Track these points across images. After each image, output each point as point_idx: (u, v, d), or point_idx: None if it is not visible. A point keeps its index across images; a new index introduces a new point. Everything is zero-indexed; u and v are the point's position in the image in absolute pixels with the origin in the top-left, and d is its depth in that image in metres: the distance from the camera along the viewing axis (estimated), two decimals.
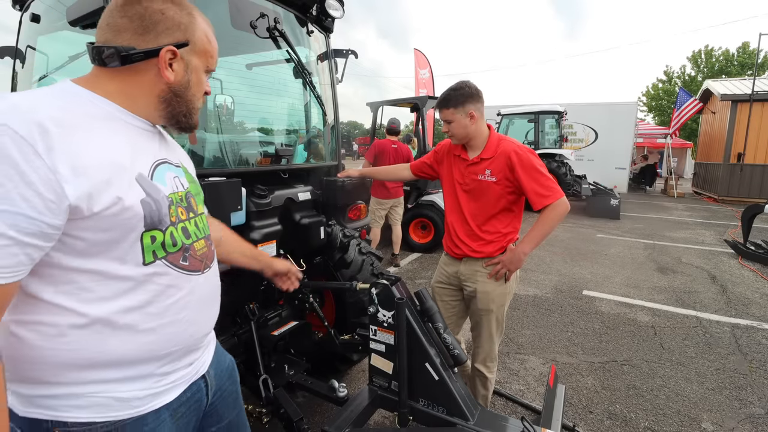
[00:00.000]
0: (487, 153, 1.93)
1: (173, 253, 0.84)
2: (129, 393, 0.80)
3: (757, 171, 12.10)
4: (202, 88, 0.91)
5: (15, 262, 0.64)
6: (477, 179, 1.94)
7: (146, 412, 0.83)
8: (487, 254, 1.97)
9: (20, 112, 0.65)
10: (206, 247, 0.95)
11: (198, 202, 0.97)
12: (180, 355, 0.89)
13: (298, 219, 2.16)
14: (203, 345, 0.98)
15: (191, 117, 0.90)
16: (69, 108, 0.73)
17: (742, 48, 26.72)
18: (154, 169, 0.84)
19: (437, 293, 2.18)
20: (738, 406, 2.59)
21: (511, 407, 2.56)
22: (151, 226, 0.79)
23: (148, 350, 0.81)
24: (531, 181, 1.83)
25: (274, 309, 2.24)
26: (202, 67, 0.89)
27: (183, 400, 0.92)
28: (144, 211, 0.77)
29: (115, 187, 0.73)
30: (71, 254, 0.72)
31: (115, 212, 0.73)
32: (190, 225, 0.90)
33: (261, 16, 2.00)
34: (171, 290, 0.84)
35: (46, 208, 0.65)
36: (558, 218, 1.84)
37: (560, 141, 11.04)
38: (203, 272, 0.92)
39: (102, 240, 0.74)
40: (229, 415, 1.09)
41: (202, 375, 0.98)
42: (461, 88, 1.90)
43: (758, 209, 5.95)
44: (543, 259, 5.87)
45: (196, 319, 0.91)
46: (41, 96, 0.72)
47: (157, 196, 0.81)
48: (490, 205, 1.94)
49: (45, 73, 2.22)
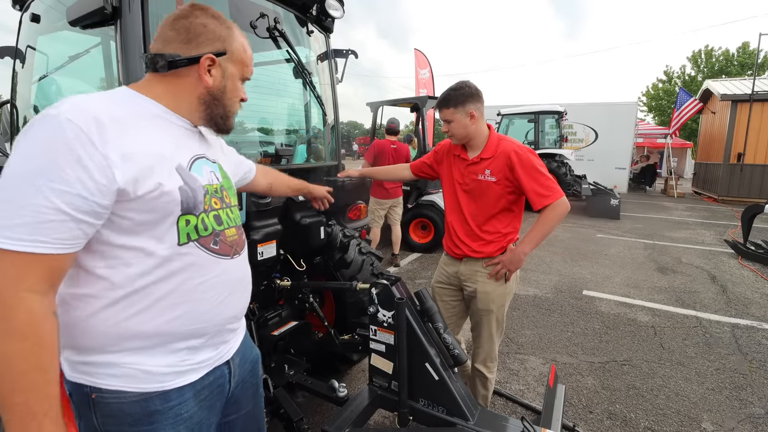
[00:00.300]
0: (487, 153, 1.92)
1: (205, 236, 0.93)
2: (155, 367, 0.88)
3: (757, 171, 12.10)
4: (238, 94, 1.01)
5: (71, 235, 0.75)
6: (477, 179, 1.94)
7: (170, 389, 0.90)
8: (487, 254, 1.97)
9: (81, 110, 0.76)
10: (237, 235, 1.04)
11: (230, 195, 1.07)
12: (207, 334, 0.95)
13: (298, 219, 2.16)
14: (230, 329, 1.03)
15: (227, 119, 1.01)
16: (121, 107, 0.85)
17: (742, 48, 26.71)
18: (193, 162, 0.95)
19: (437, 293, 2.18)
20: (738, 406, 2.59)
21: (511, 407, 2.56)
22: (187, 211, 0.89)
23: (177, 325, 0.89)
24: (531, 180, 1.83)
25: (274, 309, 2.24)
26: (238, 75, 0.99)
27: (206, 383, 0.97)
28: (181, 196, 0.87)
29: (157, 174, 0.83)
30: (118, 232, 0.82)
31: (156, 196, 0.83)
32: (222, 213, 1.00)
33: (261, 16, 2.00)
34: (201, 270, 0.92)
35: (98, 190, 0.75)
36: (558, 218, 1.83)
37: (560, 141, 11.04)
38: (233, 257, 1.00)
39: (144, 220, 0.83)
40: (247, 405, 1.15)
41: (227, 361, 1.03)
42: (461, 88, 1.90)
43: (758, 209, 5.95)
44: (543, 259, 5.87)
45: (223, 300, 0.97)
46: (99, 97, 0.84)
47: (194, 185, 0.91)
48: (490, 205, 1.94)
49: (45, 73, 2.22)
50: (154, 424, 0.88)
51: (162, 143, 0.88)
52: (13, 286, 0.70)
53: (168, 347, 0.89)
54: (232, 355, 1.05)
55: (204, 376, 0.96)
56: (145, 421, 0.87)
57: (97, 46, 2.14)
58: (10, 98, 2.26)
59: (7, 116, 2.29)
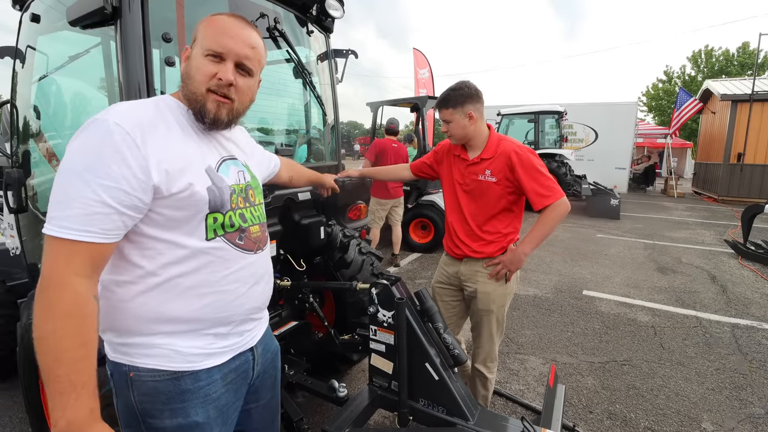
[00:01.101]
0: (487, 153, 1.92)
1: (231, 232, 1.00)
2: (186, 349, 0.95)
3: (757, 171, 12.10)
4: (205, 70, 0.94)
5: (115, 226, 0.83)
6: (477, 179, 1.93)
7: (200, 369, 0.97)
8: (487, 254, 1.97)
9: (128, 116, 0.85)
10: (260, 232, 1.10)
11: (256, 194, 1.13)
12: (232, 322, 1.02)
13: (298, 219, 2.15)
14: (254, 319, 1.10)
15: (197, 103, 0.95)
16: (161, 113, 0.93)
17: (742, 48, 26.71)
18: (221, 163, 1.02)
19: (437, 293, 2.18)
20: (738, 406, 2.59)
21: (511, 407, 2.56)
22: (214, 209, 0.96)
23: (205, 312, 0.96)
24: (531, 181, 1.82)
25: (274, 309, 2.23)
26: (201, 51, 0.94)
27: (233, 367, 1.04)
28: (209, 196, 0.94)
29: (187, 175, 0.91)
30: (153, 226, 0.90)
31: (187, 195, 0.90)
32: (246, 212, 1.05)
33: (261, 16, 2.00)
34: (226, 263, 0.99)
35: (139, 186, 0.83)
36: (558, 218, 1.83)
37: (560, 141, 11.04)
38: (256, 252, 1.07)
39: (176, 216, 0.91)
40: (266, 396, 1.21)
41: (251, 348, 1.10)
42: (461, 89, 1.89)
43: (758, 209, 5.95)
44: (543, 259, 5.87)
45: (247, 292, 1.04)
46: (143, 104, 0.93)
47: (221, 185, 0.98)
48: (490, 206, 1.93)
49: (45, 73, 2.22)
50: (185, 402, 0.95)
51: (193, 147, 0.95)
52: (64, 269, 0.78)
53: (198, 332, 0.96)
54: (256, 343, 1.12)
55: (230, 360, 1.03)
56: (177, 399, 0.94)
57: (97, 46, 2.14)
58: (10, 98, 2.26)
59: (7, 116, 2.29)
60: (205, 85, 0.94)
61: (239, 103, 1.01)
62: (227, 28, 0.95)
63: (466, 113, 1.88)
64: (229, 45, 0.94)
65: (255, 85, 1.05)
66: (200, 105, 0.95)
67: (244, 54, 0.96)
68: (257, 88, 1.09)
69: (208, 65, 0.94)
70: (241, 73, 0.99)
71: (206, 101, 0.95)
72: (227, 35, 0.94)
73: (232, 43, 0.94)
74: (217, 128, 1.00)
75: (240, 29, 0.96)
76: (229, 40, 0.94)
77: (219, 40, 0.94)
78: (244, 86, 1.00)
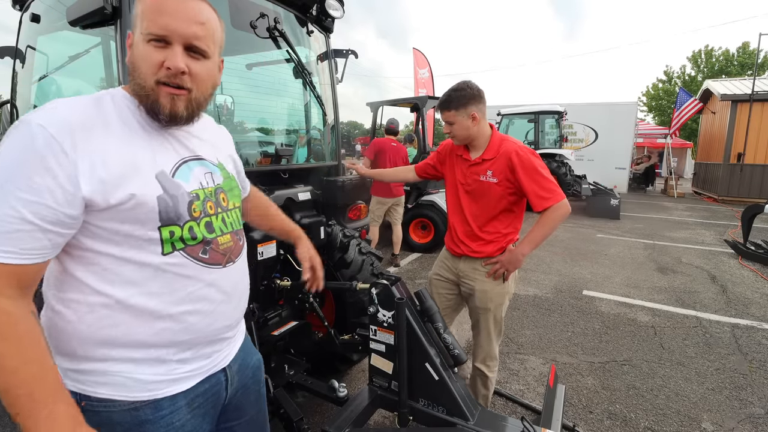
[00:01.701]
0: (489, 154, 1.92)
1: (192, 245, 0.87)
2: (146, 375, 0.84)
3: (757, 171, 12.10)
4: (151, 59, 0.79)
5: (39, 245, 0.72)
6: (478, 180, 1.93)
7: (162, 397, 0.86)
8: (486, 254, 1.97)
9: (55, 116, 0.74)
10: (232, 241, 0.96)
11: (230, 198, 0.99)
12: (197, 344, 0.91)
13: (298, 219, 2.15)
14: (225, 338, 0.99)
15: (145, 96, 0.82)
16: (103, 111, 0.80)
17: (742, 48, 26.71)
18: (180, 166, 0.88)
19: (434, 285, 2.20)
20: (738, 406, 2.59)
21: (511, 407, 2.56)
22: (167, 222, 0.83)
23: (164, 336, 0.85)
24: (531, 182, 1.82)
25: (274, 309, 2.23)
26: (142, 37, 0.80)
27: (200, 391, 0.94)
28: (159, 206, 0.81)
29: (130, 183, 0.78)
30: (97, 240, 0.79)
31: (131, 207, 0.78)
32: (216, 220, 0.93)
33: (261, 16, 2.00)
34: (189, 281, 0.87)
35: (66, 200, 0.72)
36: (558, 220, 1.83)
37: (560, 141, 11.04)
38: (225, 266, 0.94)
39: (121, 230, 0.79)
40: (250, 411, 1.11)
41: (223, 369, 0.99)
42: (463, 89, 1.87)
43: (758, 209, 5.95)
44: (543, 259, 5.87)
45: (215, 311, 0.92)
46: (80, 102, 0.80)
47: (176, 192, 0.84)
48: (491, 206, 1.93)
49: (45, 73, 2.22)
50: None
51: (141, 149, 0.82)
52: None
53: (157, 357, 0.86)
54: (229, 363, 1.01)
55: (198, 384, 0.93)
56: (135, 431, 0.84)
57: (97, 46, 2.14)
58: (10, 98, 2.26)
59: (7, 116, 2.29)
60: (153, 77, 0.80)
61: (198, 92, 0.86)
62: (167, 3, 0.79)
63: (469, 114, 1.87)
64: (171, 25, 0.79)
65: (215, 69, 0.90)
66: (151, 101, 0.81)
67: (191, 33, 0.81)
68: (220, 71, 0.94)
69: (152, 53, 0.79)
70: (194, 56, 0.83)
71: (158, 96, 0.81)
72: (167, 13, 0.79)
73: (174, 23, 0.79)
74: (177, 124, 0.86)
75: (182, 3, 0.81)
76: (170, 19, 0.79)
77: (159, 21, 0.78)
78: (202, 71, 0.84)
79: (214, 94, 0.93)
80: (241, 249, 1.02)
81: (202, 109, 0.90)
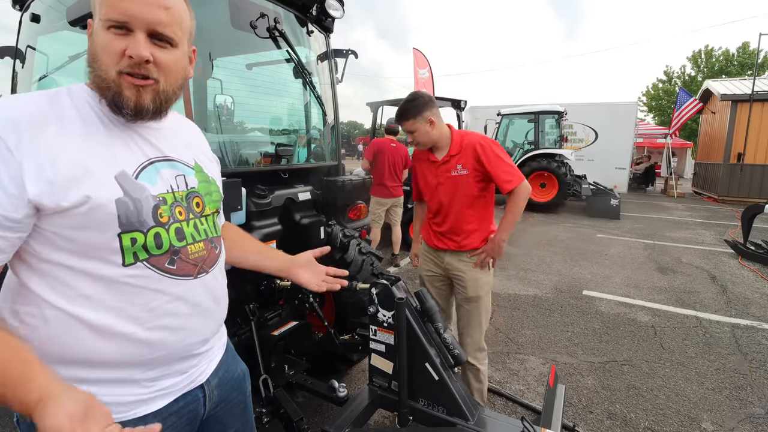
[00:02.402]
0: (454, 150, 2.08)
1: (157, 255, 0.80)
2: (112, 397, 0.78)
3: (757, 171, 12.10)
4: (111, 47, 0.73)
5: None
6: (451, 176, 2.09)
7: (131, 418, 0.80)
8: (472, 247, 2.13)
9: (2, 111, 0.69)
10: (205, 250, 0.89)
11: (206, 203, 0.92)
12: (168, 362, 0.85)
13: (298, 219, 2.15)
14: (199, 353, 0.92)
15: (108, 90, 0.75)
16: (54, 108, 0.74)
17: (742, 48, 26.72)
18: (145, 166, 0.81)
19: (428, 281, 2.34)
20: (738, 406, 2.59)
21: (511, 407, 2.56)
22: (128, 227, 0.76)
23: (129, 354, 0.79)
24: (496, 168, 2.01)
25: (274, 309, 2.23)
26: (102, 23, 0.74)
27: (174, 410, 0.88)
28: (118, 210, 0.74)
29: (85, 184, 0.71)
30: (50, 248, 0.74)
31: (85, 211, 0.72)
32: (187, 226, 0.85)
33: (261, 16, 2.00)
34: (154, 294, 0.80)
35: (9, 202, 0.67)
36: (523, 202, 2.03)
37: (560, 141, 11.02)
38: (197, 277, 0.86)
39: (76, 237, 0.73)
40: (234, 424, 1.06)
41: (200, 384, 0.93)
42: (415, 99, 2.05)
43: (758, 209, 5.95)
44: (543, 259, 5.87)
45: (185, 325, 0.85)
46: (32, 97, 0.74)
47: (139, 196, 0.77)
48: (465, 196, 2.09)
49: (45, 73, 2.22)
50: None
51: (99, 148, 0.75)
52: None
53: (123, 377, 0.79)
54: (207, 378, 0.95)
55: (171, 403, 0.87)
56: None
57: None
58: None
59: None
60: (114, 68, 0.73)
61: (167, 84, 0.79)
62: None
63: (426, 120, 2.04)
64: (131, 10, 0.72)
65: (184, 59, 0.82)
66: (113, 93, 0.74)
67: (155, 19, 0.74)
68: (191, 62, 0.87)
69: (113, 41, 0.73)
70: (159, 45, 0.76)
71: (121, 88, 0.74)
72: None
73: (135, 8, 0.72)
74: (143, 119, 0.79)
75: None
76: (130, 4, 0.72)
77: (118, 6, 0.72)
78: (169, 61, 0.78)
79: (184, 86, 0.86)
80: (217, 258, 0.93)
81: (171, 103, 0.84)
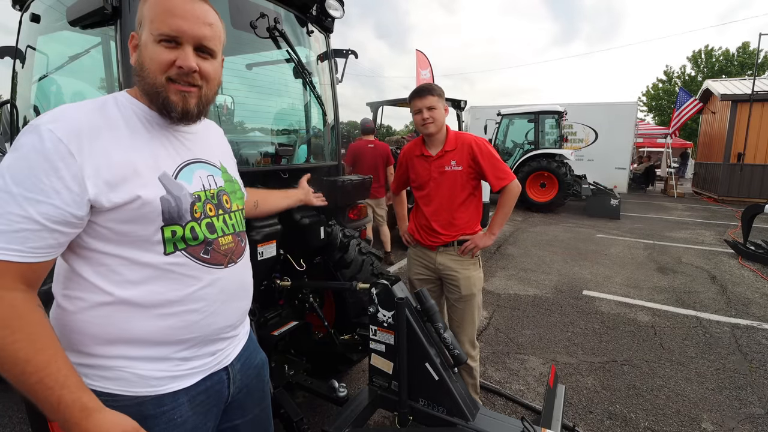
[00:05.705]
0: (449, 146, 2.13)
1: (194, 246, 0.90)
2: (148, 372, 0.87)
3: (757, 171, 12.09)
4: (160, 58, 0.83)
5: (45, 244, 0.75)
6: (445, 171, 2.13)
7: (164, 393, 0.89)
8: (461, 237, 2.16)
9: (63, 120, 0.78)
10: (233, 243, 0.99)
11: (233, 200, 1.02)
12: (199, 343, 0.93)
13: (298, 219, 2.15)
14: (227, 337, 1.01)
15: (159, 96, 0.85)
16: (107, 115, 0.84)
17: (742, 48, 26.72)
18: (182, 168, 0.91)
19: (417, 285, 2.32)
20: (738, 406, 2.59)
21: (511, 407, 2.56)
22: (170, 221, 0.86)
23: (166, 334, 0.88)
24: (490, 166, 2.09)
25: (274, 309, 2.24)
26: (151, 37, 0.83)
27: (202, 389, 0.96)
28: (162, 206, 0.84)
29: (134, 184, 0.81)
30: (102, 240, 0.83)
31: (135, 207, 0.81)
32: (217, 221, 0.96)
33: (261, 16, 2.00)
34: (190, 280, 0.89)
35: (72, 200, 0.75)
36: (514, 199, 2.12)
37: (560, 141, 11.02)
38: (227, 266, 0.96)
39: (125, 230, 0.83)
40: (254, 410, 1.13)
41: (225, 367, 1.01)
42: (437, 86, 2.12)
43: (758, 209, 5.94)
44: (543, 259, 5.87)
45: (216, 310, 0.94)
46: (85, 106, 0.83)
47: (179, 194, 0.88)
48: (458, 192, 2.13)
49: (45, 73, 2.22)
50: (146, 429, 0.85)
51: (144, 152, 0.85)
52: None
53: (159, 354, 0.88)
54: (232, 361, 1.03)
55: (199, 382, 0.95)
56: None
57: (97, 46, 2.14)
58: (10, 98, 2.26)
59: (7, 116, 2.29)
60: (163, 75, 0.84)
61: (208, 89, 0.91)
62: (176, 5, 0.83)
63: (444, 105, 2.13)
64: (183, 27, 0.83)
65: (219, 67, 0.94)
66: (162, 98, 0.85)
67: (201, 35, 0.85)
68: (222, 69, 0.98)
69: (162, 53, 0.83)
70: (203, 56, 0.87)
71: (168, 93, 0.85)
72: (178, 15, 0.82)
73: (186, 25, 0.83)
74: (188, 121, 0.91)
75: (191, 5, 0.84)
76: (182, 21, 0.82)
77: (170, 23, 0.82)
78: (210, 70, 0.89)
79: (218, 92, 0.97)
80: (243, 250, 1.04)
81: (210, 105, 0.94)
